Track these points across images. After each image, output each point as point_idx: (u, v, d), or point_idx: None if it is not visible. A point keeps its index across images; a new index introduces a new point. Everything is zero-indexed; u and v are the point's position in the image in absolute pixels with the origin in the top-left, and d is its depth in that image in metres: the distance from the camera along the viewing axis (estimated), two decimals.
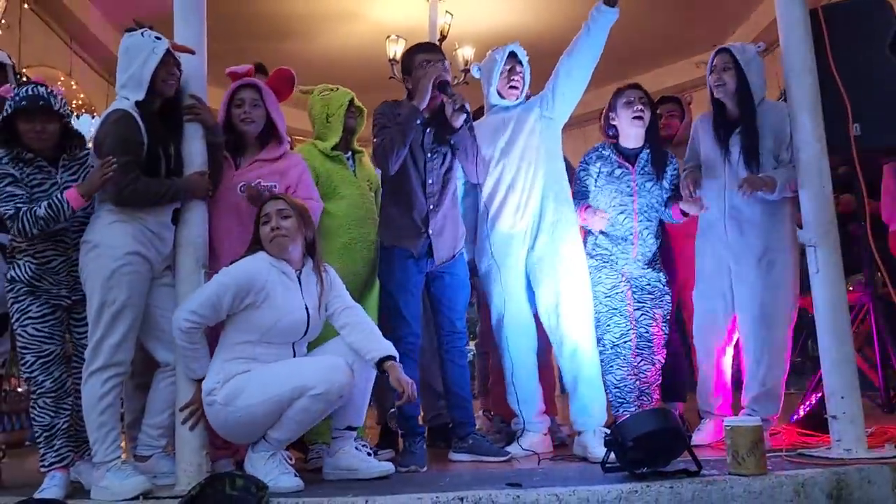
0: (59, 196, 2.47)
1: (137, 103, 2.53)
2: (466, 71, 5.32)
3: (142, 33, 2.58)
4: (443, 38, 5.10)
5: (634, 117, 3.11)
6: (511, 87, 3.18)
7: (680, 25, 5.46)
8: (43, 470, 2.56)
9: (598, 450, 2.74)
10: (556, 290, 3.03)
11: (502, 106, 3.22)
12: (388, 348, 2.57)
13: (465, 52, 5.40)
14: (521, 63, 3.22)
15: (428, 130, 3.01)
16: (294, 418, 2.44)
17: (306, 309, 2.56)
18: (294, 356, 2.57)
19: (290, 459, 2.56)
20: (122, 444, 2.60)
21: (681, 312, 3.54)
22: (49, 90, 2.55)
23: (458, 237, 3.10)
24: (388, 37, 5.18)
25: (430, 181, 3.02)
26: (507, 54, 3.20)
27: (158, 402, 2.63)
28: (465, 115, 2.93)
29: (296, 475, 2.46)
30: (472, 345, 5.10)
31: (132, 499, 2.38)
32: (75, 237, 2.58)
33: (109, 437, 2.47)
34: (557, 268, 3.04)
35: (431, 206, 3.01)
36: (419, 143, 3.00)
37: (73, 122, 2.69)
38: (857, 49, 2.80)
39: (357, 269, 3.01)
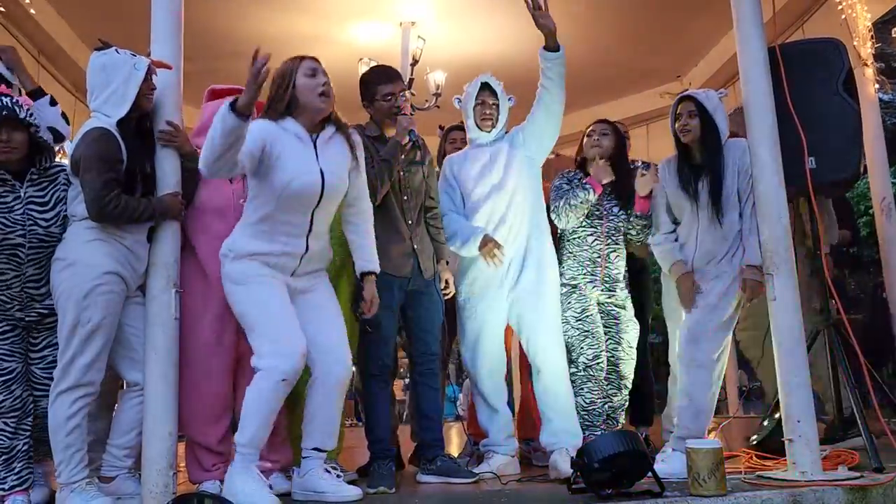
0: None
1: (118, 121, 2.53)
2: (437, 95, 5.39)
3: (116, 50, 2.58)
4: (415, 62, 5.17)
5: (593, 145, 3.33)
6: (483, 119, 3.24)
7: (644, 57, 5.60)
8: (1, 494, 2.51)
9: (568, 467, 2.81)
10: (536, 323, 3.11)
11: (483, 141, 3.26)
12: (375, 265, 2.78)
13: (437, 77, 5.46)
14: (494, 94, 3.26)
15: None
16: (249, 406, 2.46)
17: (321, 172, 2.56)
18: (311, 227, 2.59)
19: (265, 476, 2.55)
20: None
21: (646, 337, 3.64)
22: (14, 100, 2.53)
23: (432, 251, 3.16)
24: (360, 59, 5.23)
25: (405, 197, 3.07)
26: (478, 87, 3.26)
27: (125, 422, 2.60)
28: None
29: (271, 492, 2.43)
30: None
31: None
32: (30, 253, 2.55)
33: (75, 458, 2.44)
34: (538, 302, 3.12)
35: (411, 222, 3.06)
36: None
37: (42, 134, 2.66)
38: (812, 87, 2.93)
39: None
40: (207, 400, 2.81)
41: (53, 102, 2.85)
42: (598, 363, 3.17)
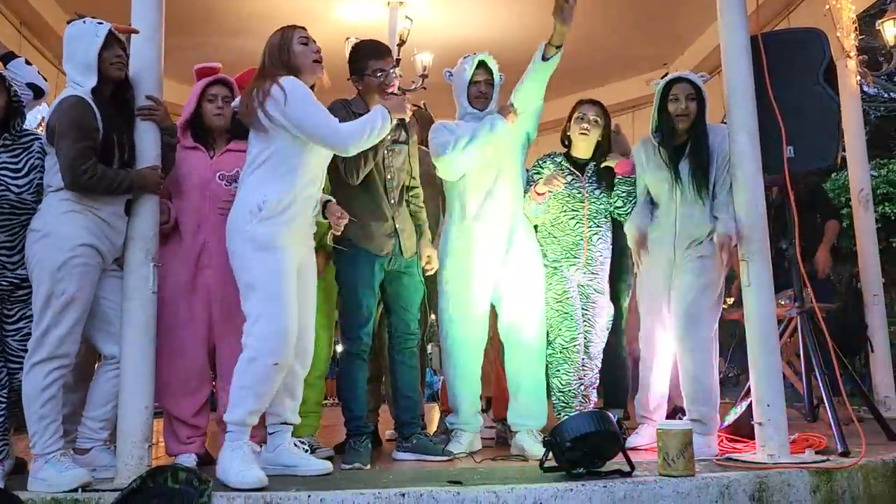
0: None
1: (92, 90, 2.51)
2: (424, 76, 5.38)
3: (83, 21, 2.58)
4: (402, 42, 5.15)
5: (581, 131, 3.31)
6: (477, 97, 3.23)
7: (631, 43, 5.61)
8: None
9: (535, 449, 2.89)
10: (519, 301, 3.13)
11: (475, 114, 3.24)
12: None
13: (424, 58, 5.44)
14: (490, 73, 3.25)
15: None
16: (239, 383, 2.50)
17: None
18: (320, 185, 2.74)
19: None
20: None
21: (621, 322, 3.68)
22: None
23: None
24: (347, 38, 5.20)
25: (388, 176, 3.07)
26: (475, 65, 3.24)
27: (100, 395, 2.61)
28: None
29: (259, 469, 2.43)
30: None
31: (70, 491, 2.36)
32: (1, 219, 2.54)
33: (49, 429, 2.45)
34: (523, 280, 3.14)
35: (393, 201, 3.06)
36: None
37: (21, 91, 2.68)
38: (792, 76, 2.96)
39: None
40: (181, 373, 2.84)
41: (28, 63, 2.89)
42: (574, 345, 3.20)
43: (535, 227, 3.34)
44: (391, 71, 3.03)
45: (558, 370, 3.19)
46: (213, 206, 2.88)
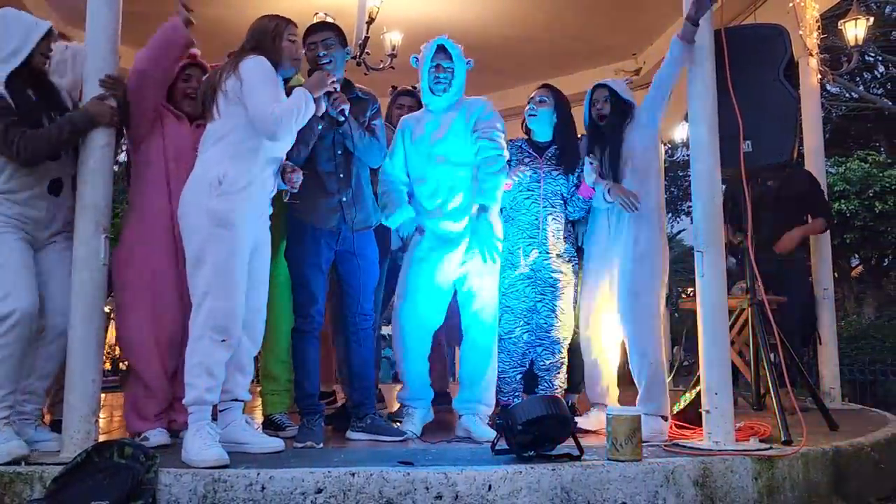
0: None
1: (6, 79, 2.53)
2: (393, 56, 5.32)
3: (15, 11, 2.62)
4: (371, 20, 5.09)
5: (529, 114, 3.39)
6: (436, 83, 3.16)
7: (601, 32, 5.63)
8: None
9: (480, 431, 2.96)
10: (477, 291, 3.12)
11: (434, 107, 3.18)
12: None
13: (393, 37, 5.39)
14: (449, 56, 3.18)
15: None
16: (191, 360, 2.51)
17: None
18: (279, 164, 2.73)
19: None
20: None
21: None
22: None
23: (374, 206, 3.14)
24: (316, 13, 5.12)
25: (338, 152, 3.03)
26: (433, 50, 3.17)
27: (27, 366, 2.59)
28: (343, 119, 2.95)
29: (220, 447, 2.43)
30: None
31: (9, 463, 2.33)
32: None
33: None
34: (482, 272, 3.11)
35: (342, 175, 3.03)
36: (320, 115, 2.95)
37: None
38: (753, 71, 3.00)
39: None
40: (161, 331, 2.82)
41: None
42: (510, 337, 3.26)
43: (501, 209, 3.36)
44: (319, 45, 2.98)
45: (498, 359, 3.22)
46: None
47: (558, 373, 3.30)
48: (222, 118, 2.61)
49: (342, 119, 2.94)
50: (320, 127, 2.96)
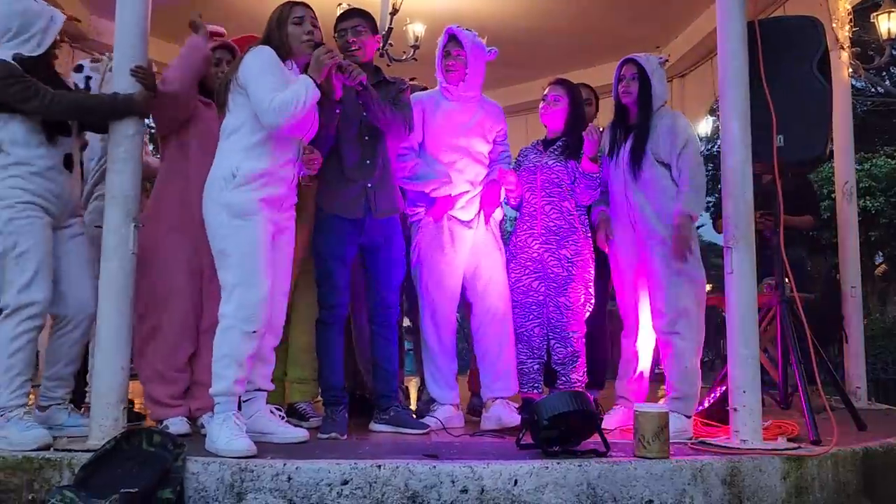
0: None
1: (19, 59, 2.58)
2: (416, 47, 5.30)
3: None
4: (395, 11, 5.07)
5: (541, 112, 3.38)
6: (447, 70, 3.19)
7: (625, 25, 5.56)
8: None
9: (510, 417, 2.99)
10: (489, 274, 3.16)
11: (453, 97, 3.23)
12: None
13: (416, 29, 5.37)
14: (460, 45, 3.18)
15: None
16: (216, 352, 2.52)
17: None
18: (298, 153, 2.71)
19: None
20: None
21: (605, 303, 3.69)
22: None
23: (398, 193, 3.13)
24: (339, 4, 5.11)
25: (365, 137, 3.02)
26: (445, 38, 3.20)
27: (52, 354, 2.68)
28: (362, 89, 2.86)
29: (247, 438, 2.44)
30: None
31: (38, 449, 2.36)
32: None
33: (15, 382, 2.47)
34: (490, 258, 3.17)
35: (367, 161, 3.01)
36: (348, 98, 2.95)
37: None
38: (787, 64, 2.95)
39: None
40: (176, 315, 2.87)
41: None
42: (522, 332, 3.25)
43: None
44: (349, 32, 3.00)
45: (516, 350, 3.23)
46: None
47: (575, 366, 3.25)
48: (233, 112, 2.63)
49: (360, 89, 2.84)
50: (338, 111, 2.94)
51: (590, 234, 3.31)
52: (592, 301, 3.31)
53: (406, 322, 3.86)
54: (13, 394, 2.45)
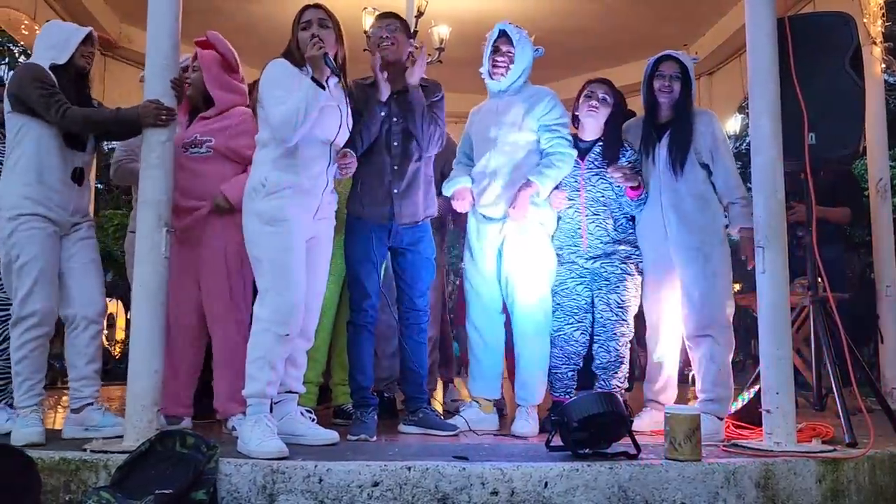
0: None
1: (52, 66, 2.71)
2: (441, 50, 5.31)
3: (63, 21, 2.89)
4: (420, 14, 5.09)
5: (589, 109, 3.25)
6: (494, 67, 3.20)
7: (652, 23, 5.53)
8: None
9: (525, 428, 3.00)
10: (518, 276, 3.12)
11: (495, 89, 3.24)
12: None
13: (441, 31, 5.38)
14: (510, 41, 3.19)
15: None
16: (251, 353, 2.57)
17: (337, 107, 2.71)
18: (329, 161, 2.73)
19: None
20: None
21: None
22: None
23: (426, 201, 3.12)
24: (365, 8, 5.14)
25: (394, 143, 3.04)
26: (496, 34, 3.21)
27: (75, 356, 2.77)
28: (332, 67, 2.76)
29: (279, 439, 2.45)
30: None
31: (26, 445, 2.46)
32: None
33: (23, 386, 2.64)
34: (523, 257, 3.13)
35: (395, 167, 3.03)
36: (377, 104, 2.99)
37: None
38: (818, 61, 2.90)
39: None
40: (177, 317, 2.96)
41: None
42: (560, 335, 3.20)
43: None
44: (384, 29, 3.04)
45: (551, 355, 3.20)
46: (181, 174, 2.94)
47: (616, 371, 3.21)
48: (262, 126, 2.71)
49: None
50: (383, 112, 2.99)
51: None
52: (638, 304, 3.28)
53: None
54: (22, 396, 2.63)
